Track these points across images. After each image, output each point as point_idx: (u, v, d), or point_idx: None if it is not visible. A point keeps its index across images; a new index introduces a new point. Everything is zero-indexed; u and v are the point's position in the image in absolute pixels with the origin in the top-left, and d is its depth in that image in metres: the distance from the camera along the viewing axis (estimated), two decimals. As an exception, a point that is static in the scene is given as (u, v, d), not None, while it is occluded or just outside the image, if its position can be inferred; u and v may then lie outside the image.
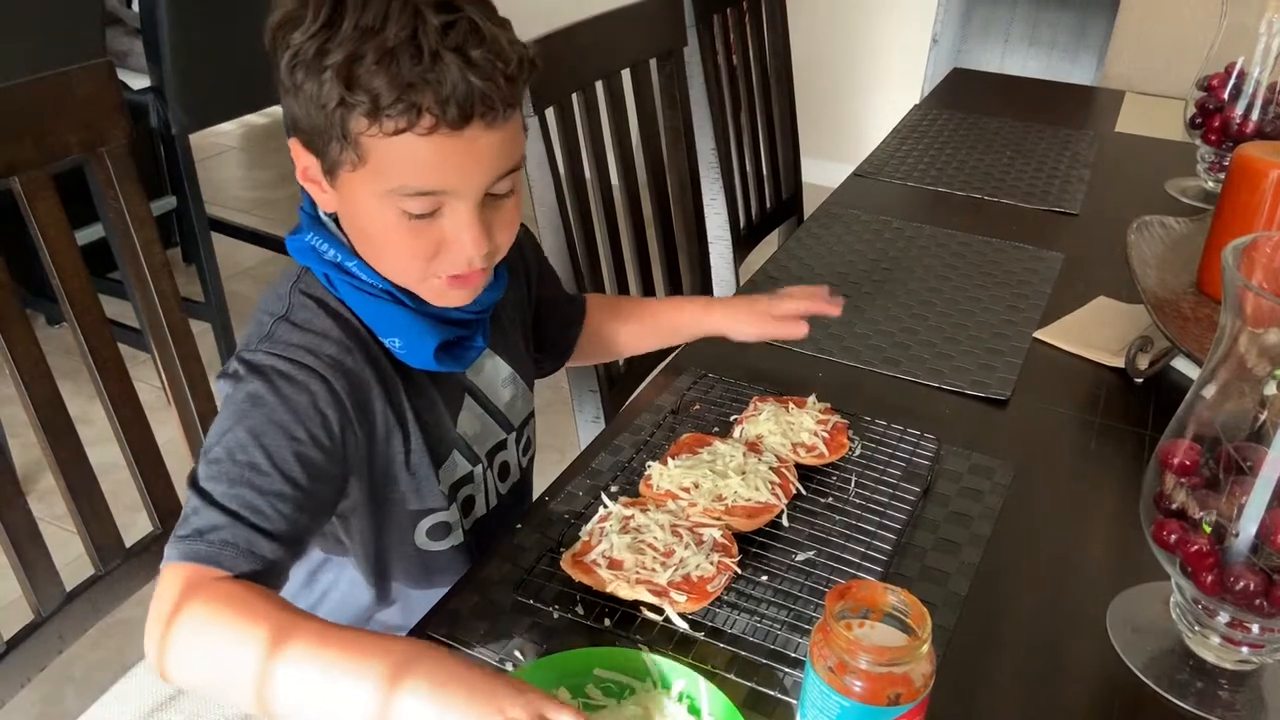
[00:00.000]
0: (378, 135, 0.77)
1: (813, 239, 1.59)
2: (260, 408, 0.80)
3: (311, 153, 0.82)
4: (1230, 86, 1.74)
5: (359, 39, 0.75)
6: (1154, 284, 1.30)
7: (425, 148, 0.77)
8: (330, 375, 0.83)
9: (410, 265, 0.85)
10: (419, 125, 0.76)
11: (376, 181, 0.79)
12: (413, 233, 0.82)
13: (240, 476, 0.77)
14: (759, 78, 2.03)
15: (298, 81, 0.78)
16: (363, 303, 0.87)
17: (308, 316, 0.86)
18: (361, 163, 0.79)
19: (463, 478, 0.99)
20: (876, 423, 1.09)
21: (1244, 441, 0.76)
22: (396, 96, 0.75)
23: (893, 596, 0.68)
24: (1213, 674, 0.83)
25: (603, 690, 0.77)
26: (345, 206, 0.85)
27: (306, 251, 0.88)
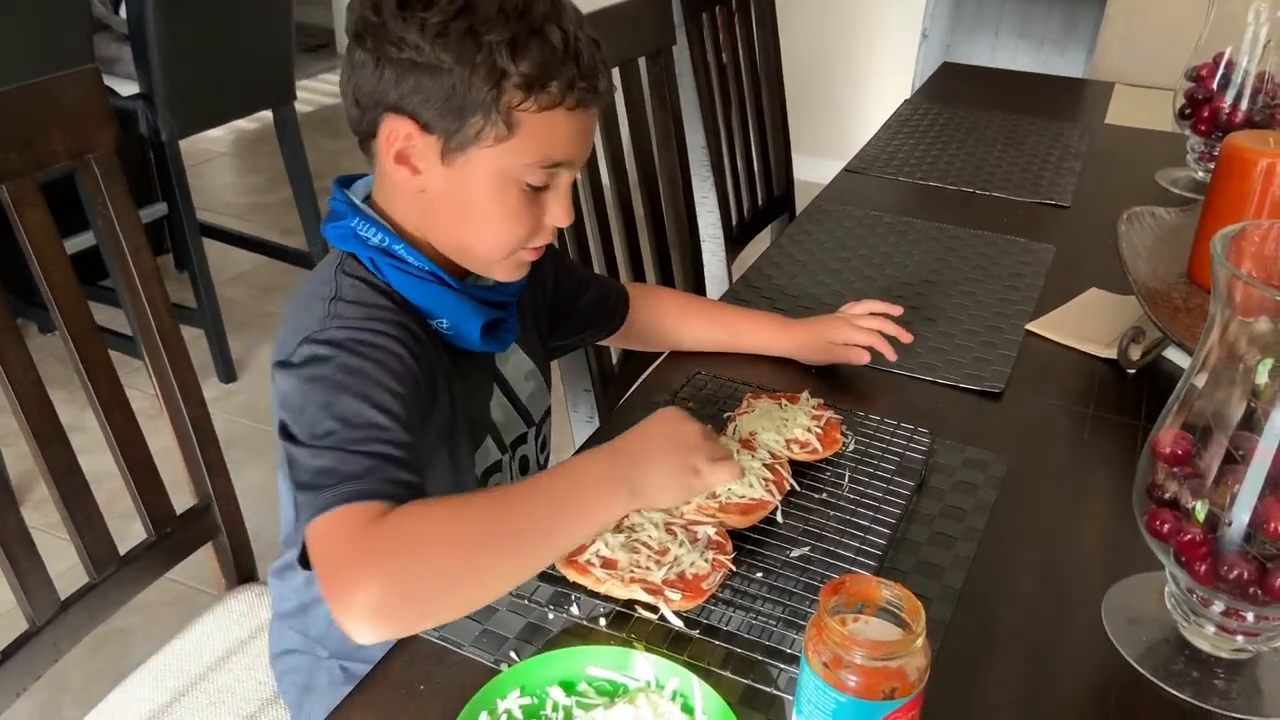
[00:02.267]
0: (531, 109, 0.82)
1: (805, 235, 1.59)
2: (358, 375, 0.81)
3: (431, 131, 0.84)
4: (1219, 76, 1.75)
5: (512, 19, 0.81)
6: (1145, 275, 1.30)
7: (568, 121, 0.85)
8: (403, 336, 0.85)
9: (512, 237, 0.89)
10: (568, 100, 0.83)
11: (520, 154, 0.84)
12: (519, 207, 0.88)
13: (366, 436, 0.77)
14: (749, 75, 2.03)
15: (441, 59, 0.80)
16: (410, 285, 0.89)
17: (359, 293, 0.88)
18: (509, 135, 0.83)
19: (492, 465, 1.02)
20: (870, 418, 1.09)
21: (1236, 430, 0.76)
22: (553, 72, 0.82)
23: (887, 591, 0.68)
24: (1208, 663, 0.83)
25: (596, 689, 0.76)
26: (452, 183, 0.86)
27: (349, 238, 0.90)
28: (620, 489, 0.79)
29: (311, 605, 1.05)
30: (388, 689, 0.79)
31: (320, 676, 1.06)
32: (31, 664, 1.02)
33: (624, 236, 1.56)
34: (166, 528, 1.15)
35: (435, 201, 0.88)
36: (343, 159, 4.03)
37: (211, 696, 1.11)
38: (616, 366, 1.53)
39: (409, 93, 0.83)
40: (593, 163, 1.48)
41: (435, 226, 0.90)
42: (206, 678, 1.14)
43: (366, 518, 0.72)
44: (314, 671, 1.07)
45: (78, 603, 1.06)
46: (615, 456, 0.82)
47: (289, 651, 1.09)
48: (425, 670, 0.81)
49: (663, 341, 1.28)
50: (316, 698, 1.06)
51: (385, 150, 0.86)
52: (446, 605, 0.73)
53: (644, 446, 0.83)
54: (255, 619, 1.20)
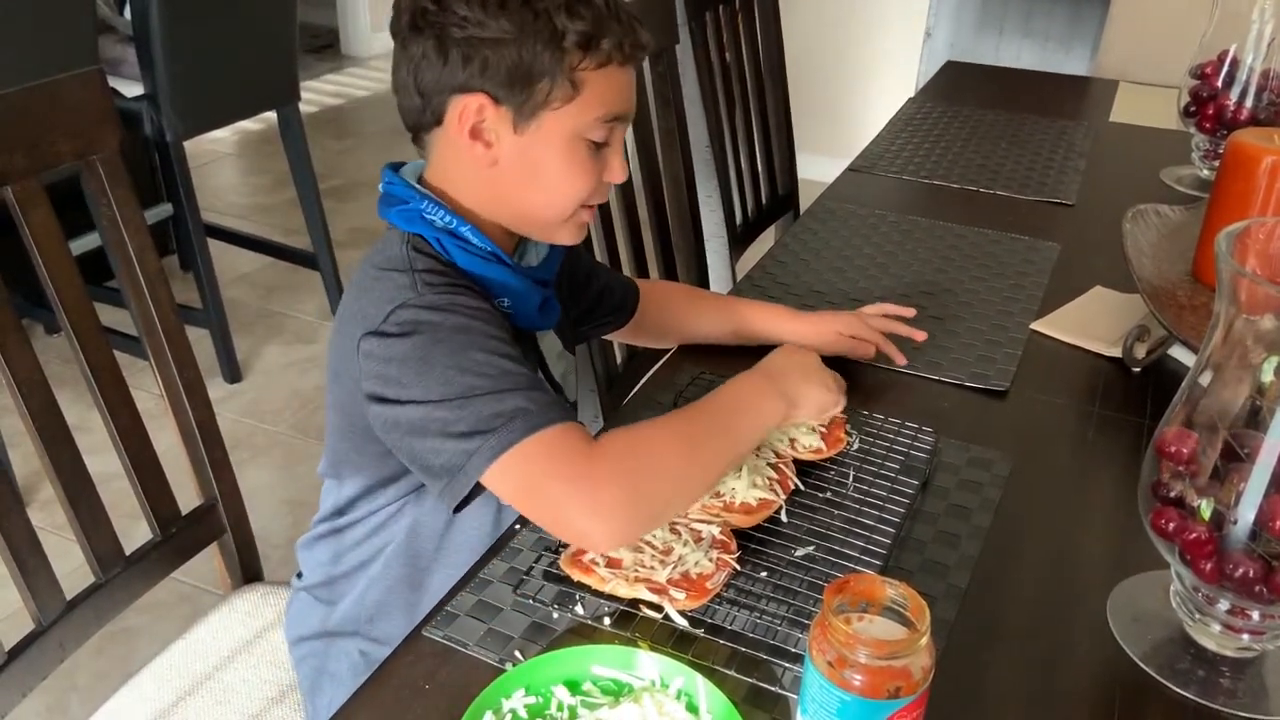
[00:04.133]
0: (590, 68, 0.88)
1: (809, 234, 1.59)
2: (472, 332, 0.85)
3: (502, 103, 0.88)
4: (1224, 74, 1.74)
5: None
6: (1150, 273, 1.30)
7: (623, 76, 0.91)
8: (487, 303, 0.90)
9: (572, 197, 0.93)
10: (617, 55, 0.89)
11: (586, 112, 0.89)
12: (584, 164, 0.92)
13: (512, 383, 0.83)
14: (752, 74, 2.03)
15: (503, 29, 0.85)
16: (475, 265, 0.93)
17: (434, 266, 0.91)
18: (574, 96, 0.88)
19: None
20: (874, 417, 1.09)
21: (1241, 428, 0.76)
22: (605, 30, 0.87)
23: (891, 590, 0.68)
24: (1214, 662, 0.82)
25: (601, 689, 0.77)
26: (525, 150, 0.90)
27: (416, 219, 0.92)
28: (777, 397, 0.96)
29: (339, 580, 1.05)
30: (393, 688, 0.80)
31: (337, 661, 1.07)
32: (38, 663, 1.02)
33: (628, 236, 1.56)
34: (172, 528, 1.15)
35: (506, 172, 0.92)
36: (347, 159, 4.04)
37: (217, 695, 1.12)
38: (621, 366, 1.54)
39: (477, 70, 0.87)
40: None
41: (502, 197, 0.94)
42: (213, 677, 1.14)
43: (578, 437, 0.82)
44: (331, 655, 1.07)
45: (84, 602, 1.06)
46: (764, 375, 0.98)
47: (307, 637, 1.09)
48: (430, 669, 0.81)
49: (672, 333, 1.29)
50: (332, 681, 1.06)
51: (459, 129, 0.90)
52: (672, 503, 0.85)
53: (786, 367, 1.01)
54: (261, 618, 1.20)
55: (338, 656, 1.07)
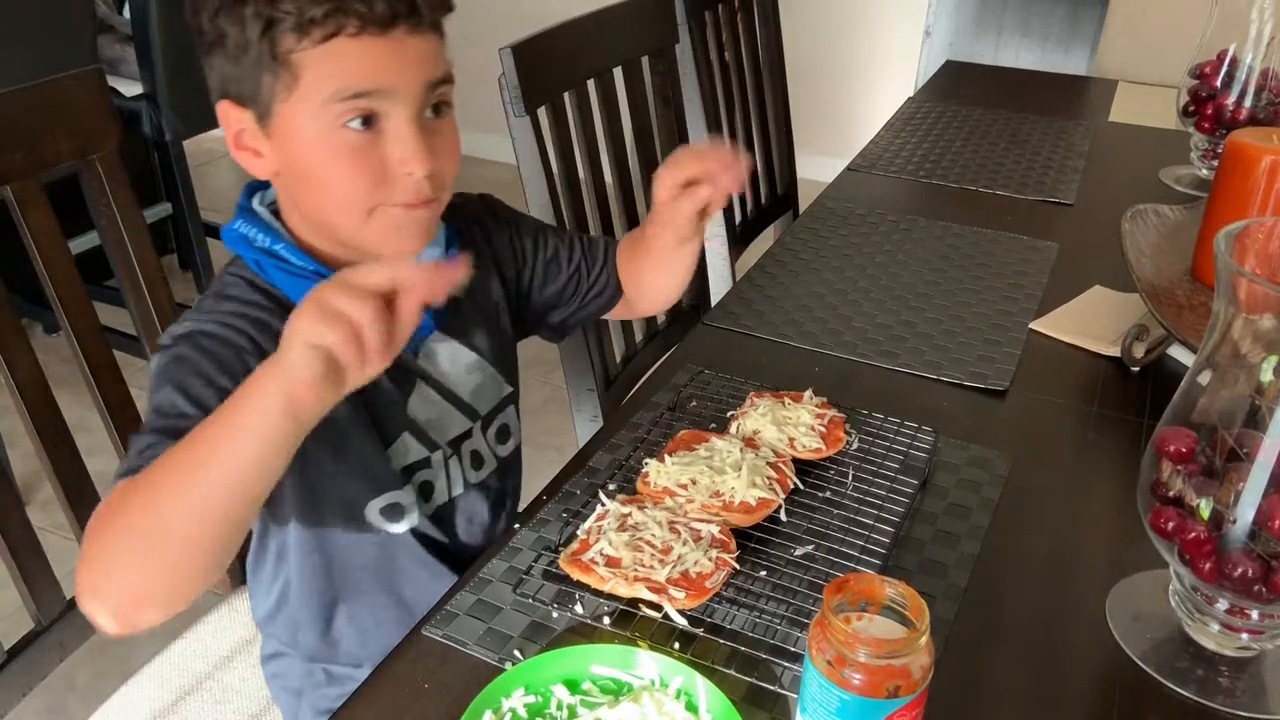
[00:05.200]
0: (308, 48, 0.79)
1: (808, 234, 1.59)
2: (182, 364, 0.81)
3: (243, 105, 0.83)
4: (1223, 74, 1.74)
5: None
6: (1149, 272, 1.30)
7: (356, 49, 0.80)
8: (256, 334, 0.84)
9: (356, 194, 0.83)
10: (347, 27, 0.79)
11: (313, 96, 0.80)
12: (352, 155, 0.82)
13: (168, 425, 0.77)
14: (752, 74, 2.03)
15: (221, 29, 0.80)
16: (295, 285, 0.88)
17: (238, 290, 0.88)
18: (295, 82, 0.80)
19: (417, 462, 0.98)
20: (873, 416, 1.09)
21: (1240, 427, 0.76)
22: (320, 3, 0.78)
23: (890, 589, 0.68)
24: (1213, 661, 0.83)
25: (600, 688, 0.77)
26: (283, 153, 0.84)
27: (238, 240, 0.90)
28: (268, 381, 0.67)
29: (279, 610, 1.03)
30: (392, 687, 0.80)
31: (307, 678, 1.06)
32: (38, 663, 1.02)
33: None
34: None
35: (287, 181, 0.88)
36: (346, 159, 4.02)
37: (216, 695, 1.12)
38: (620, 365, 1.54)
39: (217, 75, 0.84)
40: (596, 161, 1.48)
41: (303, 211, 0.89)
42: (212, 677, 1.14)
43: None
44: (301, 674, 1.07)
45: (83, 602, 1.06)
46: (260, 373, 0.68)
47: (276, 655, 1.09)
48: (429, 668, 0.81)
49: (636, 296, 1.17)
50: (308, 701, 1.06)
51: (228, 140, 0.86)
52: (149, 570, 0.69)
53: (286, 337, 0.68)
54: (260, 618, 1.20)
55: (307, 676, 1.06)
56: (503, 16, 3.36)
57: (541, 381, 2.72)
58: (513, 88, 1.30)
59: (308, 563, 0.98)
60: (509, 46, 1.28)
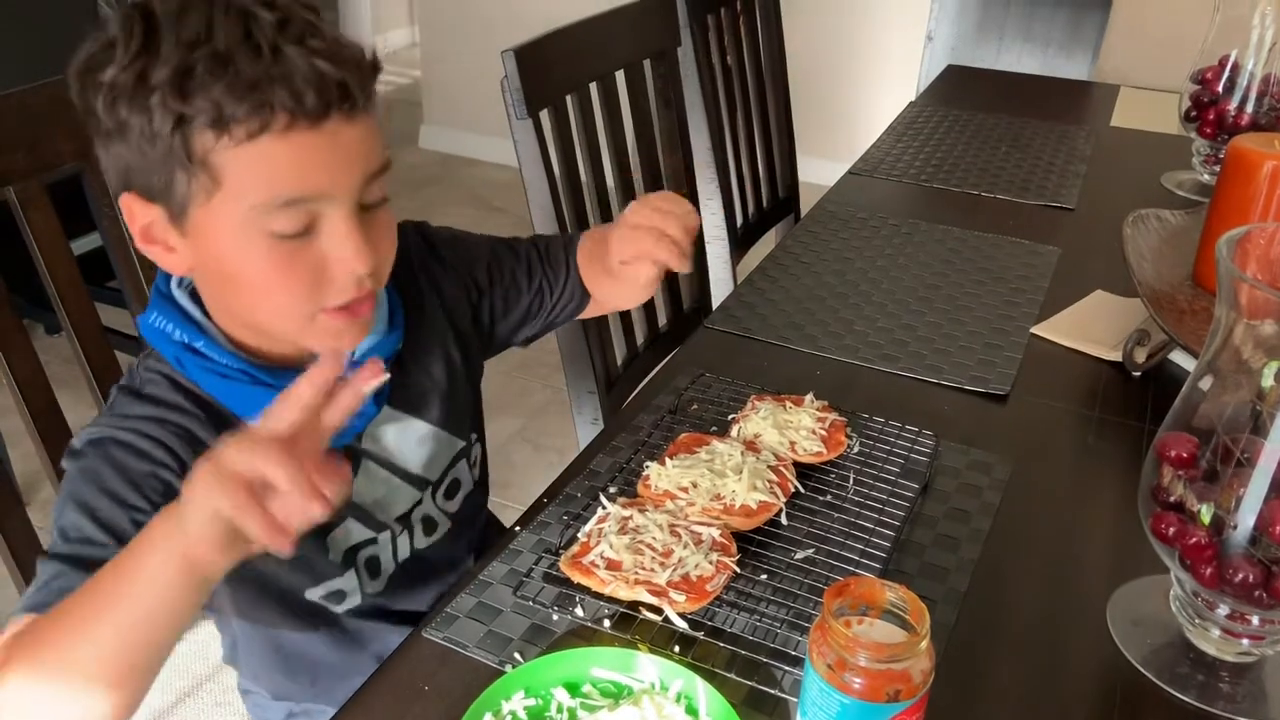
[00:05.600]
0: (229, 147, 0.69)
1: (810, 237, 1.59)
2: (93, 481, 0.74)
3: (152, 201, 0.74)
4: (1224, 79, 1.74)
5: (184, 50, 0.68)
6: (1150, 277, 1.30)
7: (285, 149, 0.70)
8: (176, 444, 0.77)
9: (291, 303, 0.76)
10: (274, 124, 0.69)
11: (237, 202, 0.71)
12: (286, 261, 0.74)
13: (75, 554, 0.72)
14: (754, 77, 2.03)
15: (121, 119, 0.70)
16: (218, 385, 0.80)
17: (156, 391, 0.80)
18: (216, 186, 0.71)
19: (362, 542, 0.93)
20: (874, 420, 1.09)
21: (1241, 433, 0.76)
22: (242, 97, 0.68)
23: (891, 593, 0.68)
24: (1214, 666, 0.82)
25: (600, 691, 0.77)
26: (203, 254, 0.75)
27: (155, 333, 0.81)
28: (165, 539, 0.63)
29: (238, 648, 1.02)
30: (392, 689, 0.80)
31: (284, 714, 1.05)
32: (37, 664, 1.02)
33: (629, 238, 1.55)
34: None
35: (204, 277, 0.79)
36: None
37: (217, 698, 1.12)
38: (621, 368, 1.54)
39: (115, 164, 0.74)
40: (598, 164, 1.48)
41: (225, 307, 0.80)
42: (212, 679, 1.14)
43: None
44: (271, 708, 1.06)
45: (83, 603, 1.06)
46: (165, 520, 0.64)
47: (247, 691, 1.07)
48: (429, 671, 0.81)
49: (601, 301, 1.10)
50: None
51: (134, 234, 0.77)
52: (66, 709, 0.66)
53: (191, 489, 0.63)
54: (260, 620, 1.20)
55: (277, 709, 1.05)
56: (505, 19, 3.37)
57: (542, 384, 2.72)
58: (515, 90, 1.30)
59: (255, 641, 0.96)
60: (511, 49, 1.29)
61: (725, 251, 1.92)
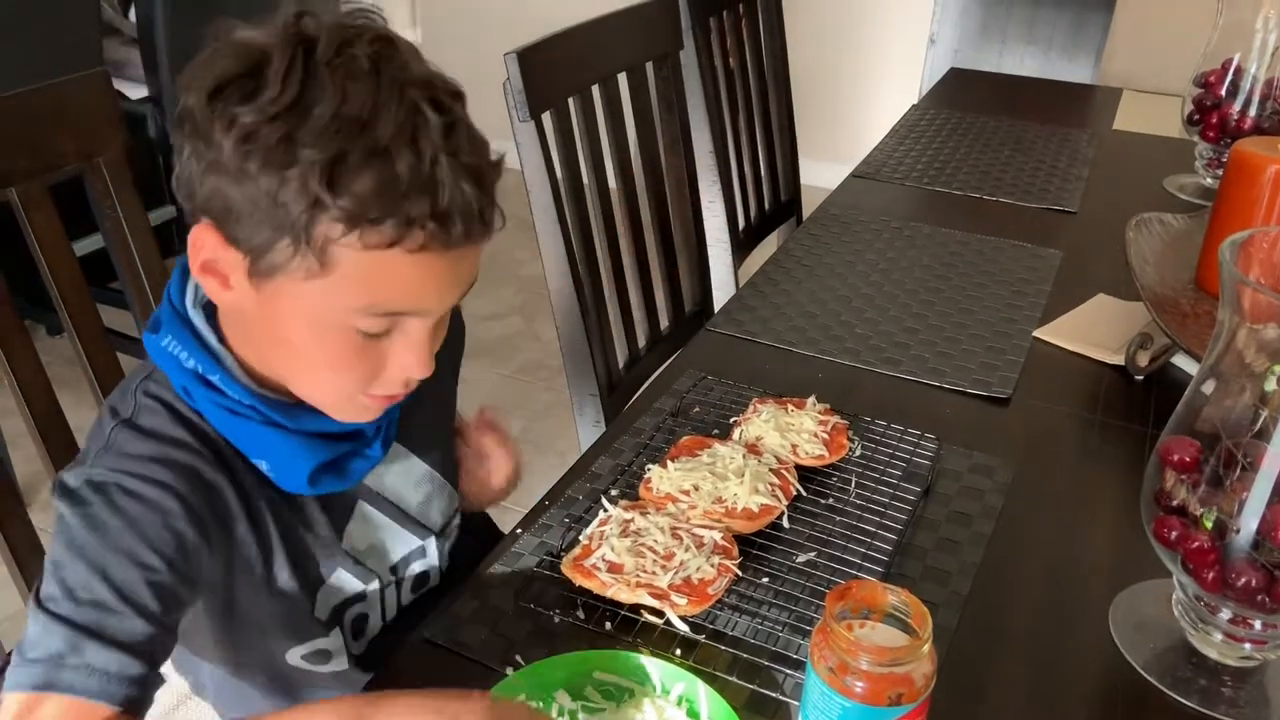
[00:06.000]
0: (353, 246, 0.66)
1: (812, 240, 1.59)
2: (102, 534, 0.69)
3: (236, 247, 0.69)
4: (1227, 83, 1.74)
5: (342, 133, 0.64)
6: (1153, 281, 1.30)
7: (410, 267, 0.67)
8: (183, 487, 0.73)
9: (340, 384, 0.75)
10: (407, 241, 0.66)
11: (338, 297, 0.68)
12: (358, 353, 0.72)
13: (89, 617, 0.68)
14: (756, 80, 2.03)
15: (247, 169, 0.65)
16: (226, 422, 0.76)
17: (156, 422, 0.75)
18: (322, 273, 0.67)
19: (351, 598, 0.89)
20: (876, 423, 1.09)
21: (1244, 437, 0.75)
22: (389, 207, 0.64)
23: (893, 597, 0.67)
24: (1216, 671, 0.82)
25: (602, 694, 0.76)
26: (267, 311, 0.72)
27: (165, 356, 0.77)
28: None
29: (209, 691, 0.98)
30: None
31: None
32: (38, 665, 1.02)
33: (631, 241, 1.56)
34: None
35: (253, 324, 0.74)
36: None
37: (217, 699, 1.11)
38: (623, 371, 1.54)
39: (212, 197, 0.68)
40: (600, 167, 1.48)
41: (256, 352, 0.77)
42: (212, 680, 1.14)
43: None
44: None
45: (84, 604, 1.06)
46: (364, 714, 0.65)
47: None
48: (431, 674, 0.81)
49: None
50: None
51: (192, 258, 0.72)
52: None
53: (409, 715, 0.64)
54: (261, 621, 1.20)
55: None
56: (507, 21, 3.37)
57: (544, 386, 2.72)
58: (517, 93, 1.30)
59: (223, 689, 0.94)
60: (514, 52, 1.29)
61: (727, 254, 1.92)
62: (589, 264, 1.45)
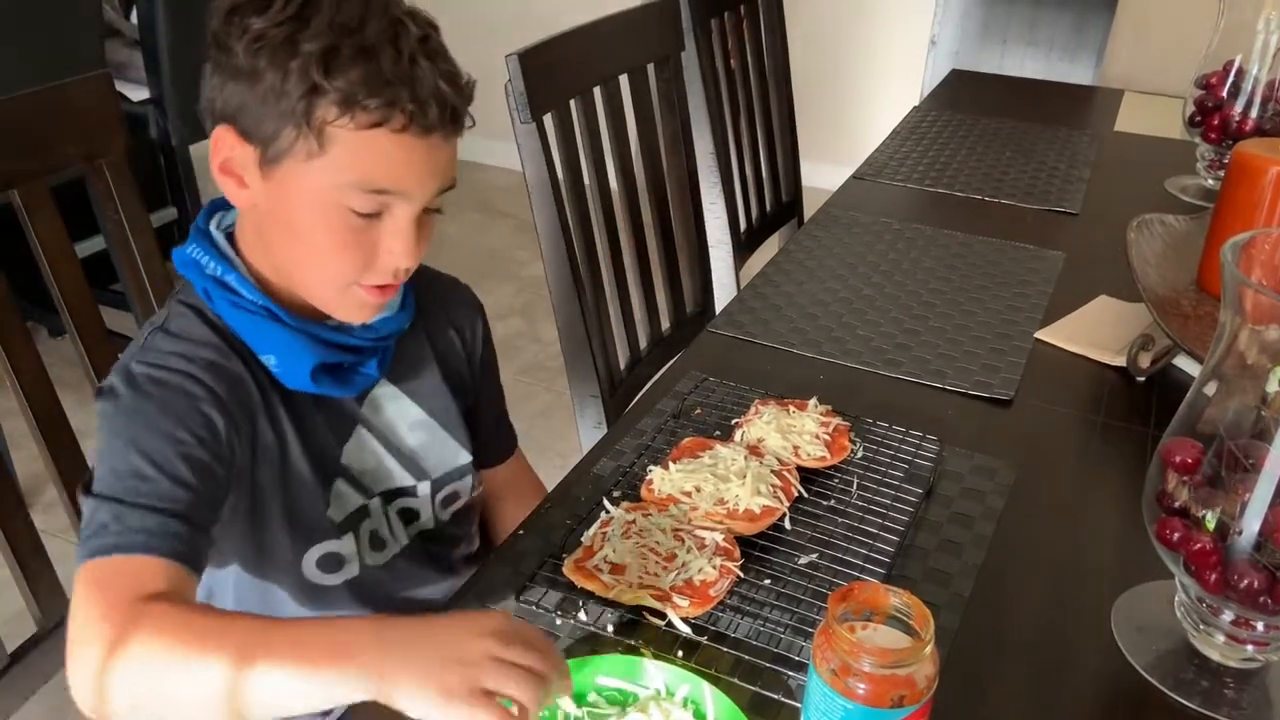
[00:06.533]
0: (347, 127, 0.78)
1: (813, 241, 1.59)
2: (138, 418, 0.79)
3: (250, 141, 0.81)
4: (1229, 84, 1.74)
5: (336, 32, 0.77)
6: (1155, 282, 1.30)
7: (392, 146, 0.80)
8: (208, 378, 0.82)
9: (338, 270, 0.85)
10: (392, 122, 0.79)
11: (333, 173, 0.80)
12: (349, 235, 0.83)
13: (131, 488, 0.75)
14: (757, 82, 2.03)
15: (257, 66, 0.78)
16: (240, 319, 0.86)
17: (184, 325, 0.86)
18: (320, 153, 0.79)
19: (357, 510, 0.96)
20: (878, 424, 1.09)
21: (1246, 438, 0.75)
22: (375, 90, 0.77)
23: (895, 598, 0.67)
24: (1218, 673, 0.82)
25: (606, 699, 0.76)
26: (276, 200, 0.83)
27: (190, 264, 0.88)
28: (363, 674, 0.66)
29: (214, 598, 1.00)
30: (395, 694, 0.79)
31: None
32: (41, 667, 1.02)
33: (632, 242, 1.56)
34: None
35: (265, 220, 0.86)
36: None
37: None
38: (625, 372, 1.54)
39: (230, 100, 0.81)
40: (601, 168, 1.48)
41: (270, 248, 0.87)
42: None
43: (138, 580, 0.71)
44: None
45: (86, 606, 1.06)
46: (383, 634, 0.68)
47: None
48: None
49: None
50: None
51: (213, 159, 0.84)
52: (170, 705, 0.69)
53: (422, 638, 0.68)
54: (263, 623, 1.20)
55: None
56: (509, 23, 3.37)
57: (545, 388, 2.72)
58: (519, 94, 1.30)
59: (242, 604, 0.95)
60: (515, 53, 1.29)
61: (728, 256, 1.92)
62: (590, 265, 1.45)
